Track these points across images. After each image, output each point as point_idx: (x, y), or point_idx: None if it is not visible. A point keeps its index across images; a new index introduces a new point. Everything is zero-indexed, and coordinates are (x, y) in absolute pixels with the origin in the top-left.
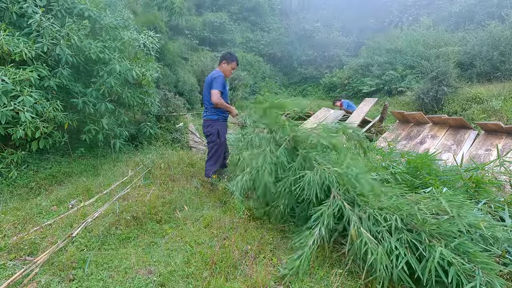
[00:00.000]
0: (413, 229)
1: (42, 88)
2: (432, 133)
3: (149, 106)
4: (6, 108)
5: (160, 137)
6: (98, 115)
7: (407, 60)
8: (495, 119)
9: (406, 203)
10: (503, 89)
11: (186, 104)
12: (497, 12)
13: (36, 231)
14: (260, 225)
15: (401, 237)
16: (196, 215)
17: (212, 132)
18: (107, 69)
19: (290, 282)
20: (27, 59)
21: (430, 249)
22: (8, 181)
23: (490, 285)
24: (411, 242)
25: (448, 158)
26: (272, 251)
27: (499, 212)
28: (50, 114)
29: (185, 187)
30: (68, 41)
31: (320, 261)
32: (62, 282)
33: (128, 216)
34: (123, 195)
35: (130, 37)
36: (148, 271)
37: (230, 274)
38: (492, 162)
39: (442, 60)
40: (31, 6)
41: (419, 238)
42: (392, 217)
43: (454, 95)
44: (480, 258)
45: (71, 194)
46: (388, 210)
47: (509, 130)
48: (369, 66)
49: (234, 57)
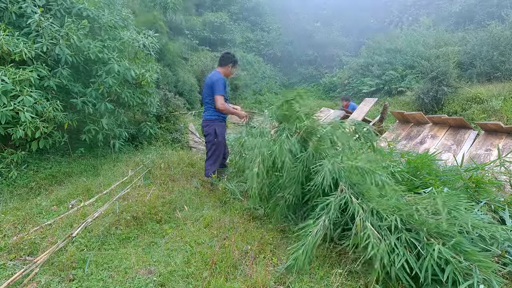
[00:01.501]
0: (412, 229)
1: (42, 88)
2: (432, 133)
3: (149, 106)
4: (6, 108)
5: (160, 137)
6: (98, 115)
7: (407, 60)
8: (495, 119)
9: (405, 203)
10: (503, 89)
11: (186, 104)
12: (497, 12)
13: (36, 231)
14: (260, 225)
15: (400, 236)
16: (196, 215)
17: (210, 132)
18: (105, 68)
19: (290, 282)
20: (26, 59)
21: (428, 247)
22: (8, 181)
23: (487, 283)
24: (409, 241)
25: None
26: (272, 251)
27: (499, 212)
28: (50, 114)
29: (185, 187)
30: (67, 40)
31: (320, 261)
32: (62, 282)
33: (128, 216)
34: (123, 195)
35: (129, 37)
36: (148, 271)
37: (230, 274)
38: (492, 162)
39: (442, 60)
40: (30, 6)
41: (417, 237)
42: (392, 217)
43: (454, 95)
44: (477, 256)
45: (71, 194)
46: (388, 210)
47: (509, 130)
48: (369, 66)
49: (236, 58)
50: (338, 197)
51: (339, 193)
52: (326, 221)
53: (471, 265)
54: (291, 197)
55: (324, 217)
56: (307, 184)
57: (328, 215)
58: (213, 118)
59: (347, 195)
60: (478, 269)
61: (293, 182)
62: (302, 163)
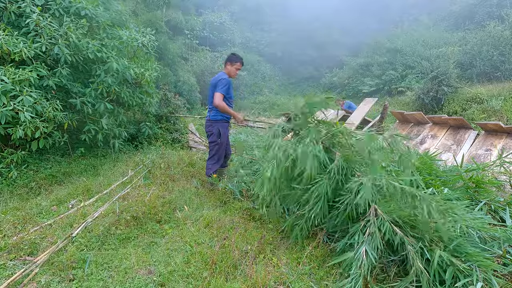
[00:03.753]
0: (417, 235)
1: (41, 88)
2: (432, 133)
3: (148, 106)
4: (5, 108)
5: (160, 137)
6: (97, 115)
7: (407, 60)
8: (495, 119)
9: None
10: (503, 89)
11: (186, 104)
12: (497, 12)
13: (36, 231)
14: (260, 225)
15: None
16: (196, 215)
17: (213, 132)
18: (104, 67)
19: (290, 283)
20: (26, 59)
21: (432, 253)
22: (8, 181)
23: (487, 281)
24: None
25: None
26: (272, 251)
27: (499, 212)
28: (50, 114)
29: (185, 187)
30: (66, 40)
31: (320, 261)
32: (62, 282)
33: (128, 216)
34: (123, 195)
35: (128, 37)
36: (148, 271)
37: (230, 274)
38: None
39: (442, 60)
40: (29, 6)
41: (422, 244)
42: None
43: (454, 95)
44: (476, 257)
45: (71, 194)
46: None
47: (509, 130)
48: (369, 66)
49: (238, 57)
50: (373, 222)
51: (373, 218)
52: (370, 253)
53: (471, 266)
54: (314, 216)
55: (365, 247)
56: (334, 201)
57: (370, 245)
58: (217, 119)
59: (386, 223)
60: (478, 268)
61: (318, 199)
62: (328, 175)
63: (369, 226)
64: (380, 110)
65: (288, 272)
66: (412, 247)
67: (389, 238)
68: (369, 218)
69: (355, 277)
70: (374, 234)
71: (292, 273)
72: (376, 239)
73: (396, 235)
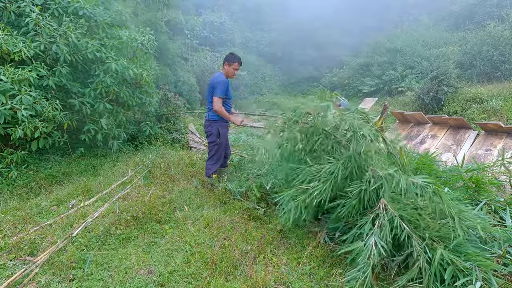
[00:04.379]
0: (419, 234)
1: (41, 88)
2: (432, 133)
3: (148, 106)
4: (4, 107)
5: (160, 137)
6: (97, 115)
7: (407, 60)
8: (495, 119)
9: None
10: (503, 89)
11: (186, 104)
12: (497, 12)
13: (36, 231)
14: (260, 225)
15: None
16: (196, 215)
17: (213, 132)
18: (103, 67)
19: (290, 283)
20: (25, 59)
21: (433, 252)
22: (8, 181)
23: (486, 281)
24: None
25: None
26: (272, 251)
27: (499, 212)
28: (49, 113)
29: (185, 187)
30: (65, 39)
31: (320, 261)
32: (62, 282)
33: (128, 216)
34: (123, 195)
35: (128, 37)
36: (148, 271)
37: (230, 274)
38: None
39: (442, 60)
40: (29, 5)
41: (424, 243)
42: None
43: (454, 95)
44: (476, 257)
45: (71, 194)
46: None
47: (509, 130)
48: (369, 66)
49: (236, 57)
50: (382, 216)
51: (382, 212)
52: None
53: (471, 265)
54: (317, 194)
55: (374, 237)
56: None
57: (379, 237)
58: (216, 119)
59: (396, 218)
60: (477, 268)
61: (327, 178)
62: (342, 161)
63: (379, 219)
64: (380, 110)
65: (288, 272)
66: (418, 244)
67: (396, 233)
68: (378, 212)
69: (364, 266)
70: (384, 226)
71: (292, 273)
72: (385, 231)
73: (403, 230)
